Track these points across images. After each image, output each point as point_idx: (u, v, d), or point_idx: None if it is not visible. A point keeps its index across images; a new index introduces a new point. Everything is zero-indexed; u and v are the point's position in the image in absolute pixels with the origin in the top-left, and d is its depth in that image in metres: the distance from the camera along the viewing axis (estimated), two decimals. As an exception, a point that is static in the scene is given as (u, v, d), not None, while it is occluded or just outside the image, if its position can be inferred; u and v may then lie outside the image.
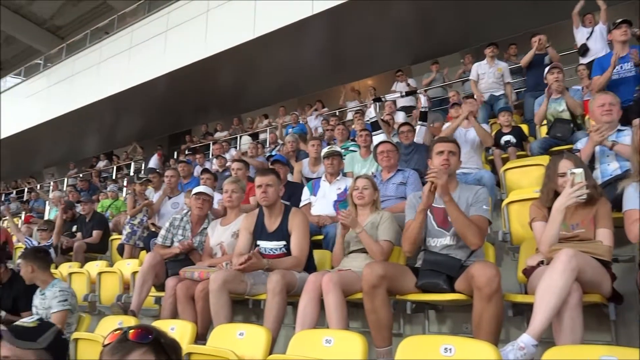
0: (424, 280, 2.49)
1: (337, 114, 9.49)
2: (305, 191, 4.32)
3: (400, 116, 7.65)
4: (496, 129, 5.58)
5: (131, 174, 11.56)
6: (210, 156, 9.72)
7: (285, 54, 9.80)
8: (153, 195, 5.90)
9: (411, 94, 7.81)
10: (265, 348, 2.35)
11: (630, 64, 4.26)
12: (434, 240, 2.67)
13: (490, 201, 2.85)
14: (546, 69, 4.78)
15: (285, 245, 3.12)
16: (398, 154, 4.09)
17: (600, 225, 2.31)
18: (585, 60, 5.79)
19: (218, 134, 11.64)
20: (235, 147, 9.72)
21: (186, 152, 10.90)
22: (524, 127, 5.55)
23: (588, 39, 5.81)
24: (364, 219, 3.08)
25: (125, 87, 11.27)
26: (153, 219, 5.35)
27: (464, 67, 8.34)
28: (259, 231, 3.21)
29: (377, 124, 4.95)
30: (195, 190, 4.00)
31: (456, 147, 2.81)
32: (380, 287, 2.39)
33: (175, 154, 11.96)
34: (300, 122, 9.40)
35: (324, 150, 4.43)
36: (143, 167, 12.30)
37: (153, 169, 7.19)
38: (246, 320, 3.51)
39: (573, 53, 6.49)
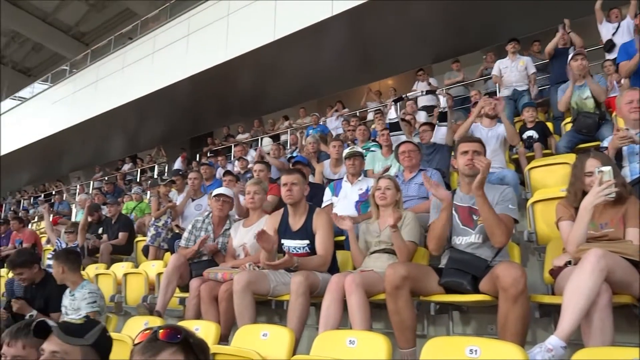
0: (447, 278, 2.47)
1: (358, 114, 9.46)
2: (327, 192, 4.32)
3: (421, 116, 7.60)
4: (519, 127, 5.51)
5: (155, 176, 11.72)
6: (232, 158, 9.80)
7: (305, 55, 9.83)
8: (176, 197, 5.98)
9: (432, 92, 7.75)
10: (288, 349, 2.36)
11: None
12: (459, 239, 2.66)
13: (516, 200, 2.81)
14: (570, 56, 4.69)
15: (309, 245, 3.13)
16: (420, 154, 4.07)
17: (630, 224, 2.25)
18: (611, 56, 5.66)
19: (240, 136, 11.73)
20: (255, 149, 9.76)
21: (208, 155, 11.01)
22: (549, 125, 5.46)
23: (614, 34, 5.68)
24: (385, 220, 3.07)
25: (148, 91, 11.44)
26: (177, 220, 5.42)
27: (485, 64, 8.22)
28: (283, 230, 3.24)
29: (397, 125, 4.93)
30: (215, 192, 4.04)
31: (481, 147, 2.79)
32: (403, 288, 2.38)
33: (198, 156, 12.08)
34: (321, 124, 9.40)
35: (345, 151, 4.43)
36: (166, 170, 12.49)
37: (177, 171, 7.28)
38: (269, 321, 3.53)
39: (598, 49, 6.35)
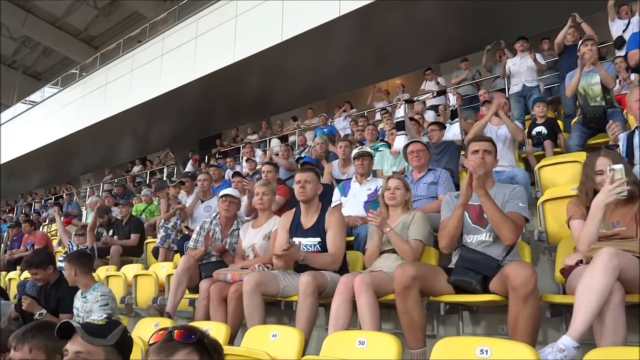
0: (457, 277, 2.46)
1: (366, 114, 9.45)
2: (336, 192, 4.32)
3: (430, 115, 7.57)
4: (529, 124, 5.49)
5: (164, 178, 11.78)
6: (241, 159, 9.83)
7: (313, 56, 9.84)
8: (186, 199, 6.01)
9: (443, 93, 7.72)
10: (298, 349, 2.36)
11: None
12: (470, 237, 2.65)
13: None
14: (580, 42, 4.64)
15: (320, 243, 3.12)
16: (429, 153, 4.05)
17: (643, 222, 2.23)
18: (622, 53, 5.60)
19: (249, 137, 11.75)
20: (264, 151, 9.80)
21: (217, 156, 11.05)
22: (560, 123, 5.42)
23: (624, 31, 5.62)
24: (395, 220, 3.06)
25: (157, 94, 11.52)
26: (186, 222, 5.44)
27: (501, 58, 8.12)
28: (294, 228, 3.24)
29: (402, 124, 4.92)
30: (221, 192, 4.07)
31: (491, 146, 2.80)
32: (412, 288, 2.36)
33: (206, 158, 12.14)
34: (329, 124, 9.40)
35: (354, 151, 4.43)
36: (175, 172, 12.55)
37: (187, 173, 7.31)
38: (278, 322, 3.53)
39: (609, 46, 6.29)
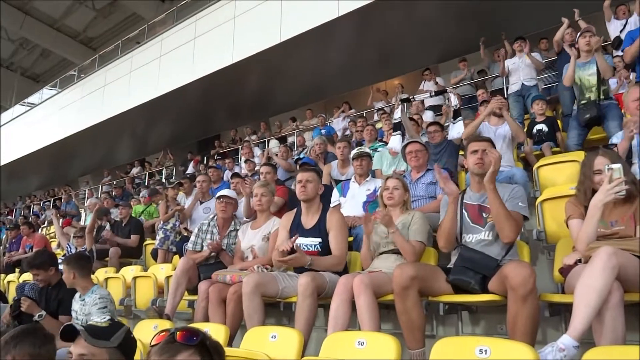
0: (456, 276, 2.47)
1: (364, 115, 9.45)
2: (335, 193, 4.32)
3: (428, 115, 7.57)
4: (528, 123, 5.51)
5: (163, 179, 11.78)
6: (239, 160, 9.83)
7: (312, 56, 9.84)
8: (185, 200, 6.00)
9: (441, 93, 7.72)
10: (297, 350, 2.35)
11: None
12: (469, 236, 2.67)
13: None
14: (579, 34, 4.66)
15: (321, 243, 3.12)
16: (427, 153, 4.05)
17: (641, 221, 2.23)
18: (620, 53, 5.60)
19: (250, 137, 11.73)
20: (263, 151, 9.80)
21: (216, 157, 11.04)
22: (559, 122, 5.44)
23: (622, 31, 5.62)
24: (394, 220, 3.06)
25: (155, 95, 11.52)
26: (185, 223, 5.44)
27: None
28: (294, 228, 3.24)
29: (399, 125, 4.93)
30: (218, 194, 4.09)
31: (490, 146, 2.80)
32: (411, 289, 2.37)
33: (205, 159, 12.14)
34: (328, 125, 9.40)
35: (353, 151, 4.43)
36: (174, 173, 12.56)
37: (187, 174, 7.31)
38: (278, 323, 3.53)
39: (606, 46, 6.29)
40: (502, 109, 4.32)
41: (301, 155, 7.43)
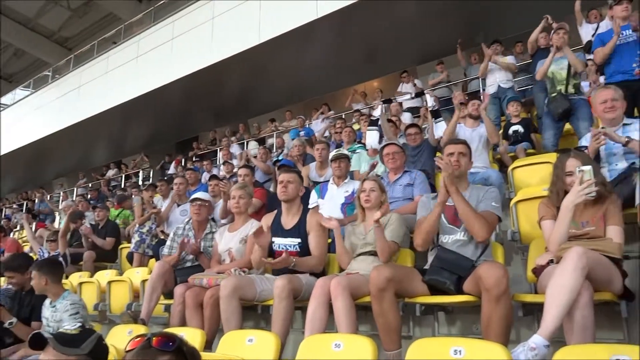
0: (431, 276, 2.50)
1: (344, 116, 9.47)
2: (313, 195, 4.32)
3: (406, 117, 7.63)
4: (504, 124, 5.61)
5: (139, 182, 11.62)
6: (218, 162, 9.76)
7: (291, 57, 9.82)
8: (162, 203, 5.93)
9: (419, 95, 7.79)
10: (274, 353, 2.35)
11: (629, 31, 4.26)
12: (445, 237, 2.70)
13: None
14: (552, 31, 4.78)
15: (300, 244, 3.13)
16: (404, 155, 4.08)
17: (611, 222, 2.27)
18: (592, 56, 5.72)
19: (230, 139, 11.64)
20: (242, 150, 9.76)
21: (194, 159, 10.94)
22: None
23: (594, 35, 5.75)
24: (371, 222, 3.06)
25: (132, 96, 11.34)
26: (162, 226, 5.37)
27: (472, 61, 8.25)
28: (274, 229, 3.25)
29: (376, 121, 4.99)
30: (191, 197, 4.08)
31: (466, 149, 2.87)
32: (387, 290, 2.38)
33: (183, 161, 12.02)
34: (307, 126, 9.40)
35: (331, 153, 4.44)
36: (151, 175, 12.42)
37: (164, 176, 7.22)
38: (256, 326, 3.52)
39: (578, 50, 6.42)
40: (479, 109, 4.40)
41: (279, 157, 7.41)
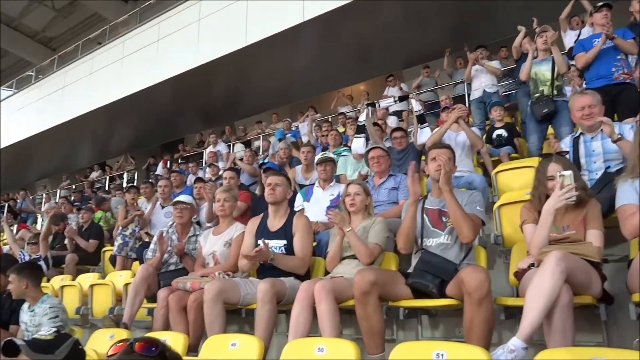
0: (415, 279, 2.50)
1: (330, 119, 9.48)
2: (298, 197, 4.32)
3: (392, 120, 7.66)
4: (488, 129, 5.66)
5: (124, 184, 11.51)
6: (204, 164, 9.71)
7: (278, 60, 9.81)
8: (146, 205, 5.86)
9: (404, 99, 7.84)
10: (257, 358, 2.34)
11: None
12: (429, 240, 2.71)
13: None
14: (536, 35, 4.83)
15: (286, 246, 3.13)
16: (389, 159, 4.10)
17: (591, 226, 2.31)
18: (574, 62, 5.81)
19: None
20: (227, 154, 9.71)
21: (179, 161, 10.87)
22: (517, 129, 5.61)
23: (576, 41, 5.83)
24: (356, 225, 3.07)
25: (117, 97, 11.26)
26: (146, 229, 5.32)
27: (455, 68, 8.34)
28: (260, 231, 3.25)
29: (363, 128, 4.99)
30: (173, 200, 4.07)
31: (450, 153, 2.89)
32: (371, 294, 2.39)
33: (168, 163, 11.93)
34: (293, 129, 9.39)
35: (317, 157, 4.44)
36: (136, 177, 12.31)
37: (148, 178, 7.15)
38: (240, 330, 3.50)
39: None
40: (461, 117, 4.43)
41: (265, 160, 7.39)
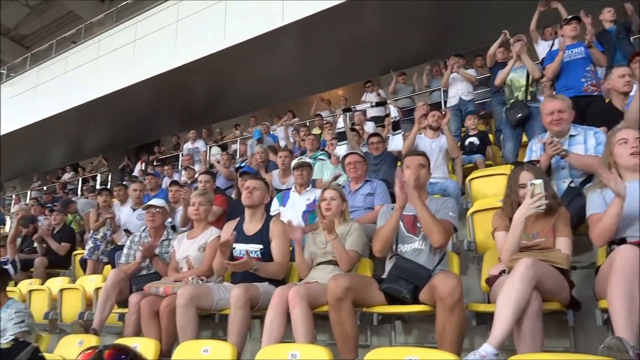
0: (388, 284, 2.52)
1: (307, 124, 9.48)
2: (275, 202, 4.31)
3: (369, 126, 7.71)
4: (462, 135, 5.76)
5: (97, 186, 11.30)
6: (179, 167, 9.60)
7: (256, 64, 9.77)
8: (119, 208, 5.76)
9: (382, 104, 7.89)
10: (230, 364, 2.32)
11: (580, 49, 4.48)
12: (404, 246, 2.73)
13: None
14: (512, 44, 4.96)
15: (262, 249, 3.11)
16: (366, 164, 4.12)
17: (560, 234, 2.36)
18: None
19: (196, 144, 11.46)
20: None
21: (155, 164, 10.72)
22: (491, 137, 5.69)
23: (549, 51, 5.96)
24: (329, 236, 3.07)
25: (92, 97, 11.04)
26: (118, 233, 5.22)
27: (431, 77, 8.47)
28: (236, 235, 3.20)
29: (344, 134, 5.00)
30: (145, 205, 4.01)
31: (425, 160, 2.90)
32: (345, 300, 2.39)
33: (144, 165, 11.75)
34: (271, 133, 9.36)
35: (294, 161, 4.44)
36: (109, 179, 12.10)
37: (122, 181, 7.03)
38: (213, 336, 3.46)
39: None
40: (442, 123, 4.50)
41: (242, 164, 7.34)
